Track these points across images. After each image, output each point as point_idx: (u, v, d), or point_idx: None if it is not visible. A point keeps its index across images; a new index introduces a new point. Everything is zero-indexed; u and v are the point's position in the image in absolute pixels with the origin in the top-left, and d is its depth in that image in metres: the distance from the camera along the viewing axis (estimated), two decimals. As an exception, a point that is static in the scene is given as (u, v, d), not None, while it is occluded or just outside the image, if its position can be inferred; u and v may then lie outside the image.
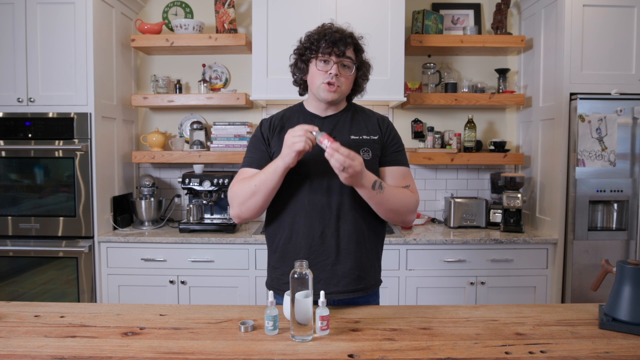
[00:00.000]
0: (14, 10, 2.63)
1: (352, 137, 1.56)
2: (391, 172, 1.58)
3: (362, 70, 1.57)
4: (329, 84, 1.50)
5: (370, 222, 1.57)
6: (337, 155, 1.33)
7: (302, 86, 1.64)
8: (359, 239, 1.54)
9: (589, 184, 2.62)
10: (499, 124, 3.31)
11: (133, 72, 3.21)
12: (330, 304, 1.54)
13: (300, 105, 1.65)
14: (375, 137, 1.58)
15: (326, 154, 1.35)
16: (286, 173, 1.45)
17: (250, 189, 1.47)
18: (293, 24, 2.73)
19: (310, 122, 1.58)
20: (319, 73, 1.52)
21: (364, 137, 1.57)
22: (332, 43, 1.48)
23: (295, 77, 1.62)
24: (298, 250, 1.52)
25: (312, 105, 1.62)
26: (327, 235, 1.51)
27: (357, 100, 1.68)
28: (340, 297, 1.52)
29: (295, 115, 1.62)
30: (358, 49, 1.55)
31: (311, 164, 1.51)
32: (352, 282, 1.53)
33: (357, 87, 1.61)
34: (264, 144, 1.60)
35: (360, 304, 1.56)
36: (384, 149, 1.59)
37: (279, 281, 1.57)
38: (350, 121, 1.59)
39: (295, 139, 1.38)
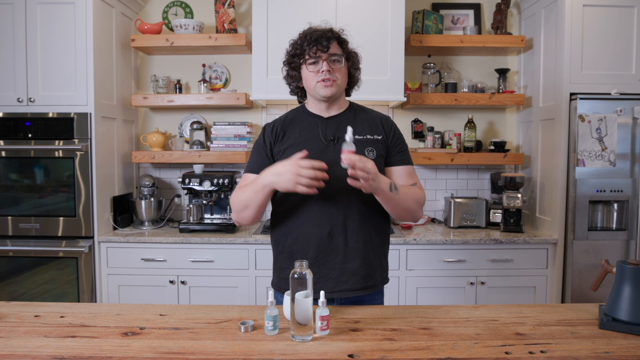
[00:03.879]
0: (14, 10, 2.63)
1: (357, 137, 1.56)
2: (398, 172, 1.61)
3: (351, 61, 1.59)
4: (323, 80, 1.52)
5: (377, 221, 1.59)
6: (358, 164, 1.33)
7: (300, 93, 1.66)
8: (366, 237, 1.56)
9: (589, 184, 2.62)
10: (499, 124, 3.31)
11: (133, 72, 3.21)
12: (339, 302, 1.56)
13: (303, 107, 1.67)
14: (379, 137, 1.59)
15: (350, 172, 1.34)
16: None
17: (242, 202, 1.51)
18: (293, 24, 2.71)
19: (314, 123, 1.59)
20: (311, 74, 1.54)
21: (368, 136, 1.58)
22: (315, 41, 1.50)
23: (291, 87, 1.65)
24: (306, 250, 1.54)
25: (314, 107, 1.63)
26: (335, 234, 1.53)
27: (358, 99, 1.68)
28: (349, 294, 1.54)
29: (299, 117, 1.63)
30: (342, 42, 1.57)
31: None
32: (361, 280, 1.55)
33: (352, 78, 1.62)
34: (265, 150, 1.61)
35: (367, 302, 1.58)
36: (389, 149, 1.61)
37: (287, 281, 1.56)
38: (353, 121, 1.60)
39: (302, 180, 1.35)
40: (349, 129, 1.40)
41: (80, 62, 2.66)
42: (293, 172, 1.36)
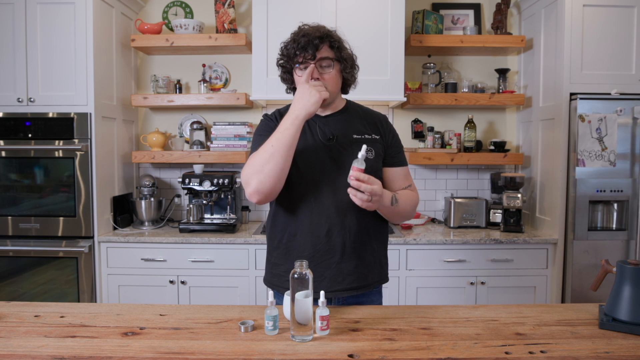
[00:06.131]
0: (14, 10, 2.63)
1: (355, 136, 1.56)
2: (395, 173, 1.63)
3: (343, 64, 1.54)
4: None
5: (375, 221, 1.59)
6: (364, 186, 1.36)
7: (295, 92, 1.64)
8: (364, 237, 1.55)
9: (589, 184, 2.62)
10: (499, 124, 3.31)
11: (133, 72, 3.21)
12: (334, 302, 1.55)
13: None
14: (377, 137, 1.59)
15: (350, 189, 1.38)
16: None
17: (267, 151, 1.39)
18: (293, 24, 2.69)
19: (312, 121, 1.57)
20: (302, 79, 1.51)
21: (366, 136, 1.58)
22: (302, 49, 1.48)
23: (287, 86, 1.64)
24: (303, 248, 1.52)
25: None
26: (333, 233, 1.51)
27: (358, 99, 1.68)
28: (344, 294, 1.53)
29: None
30: (333, 45, 1.52)
31: (317, 163, 1.52)
32: (357, 280, 1.54)
33: (347, 80, 1.58)
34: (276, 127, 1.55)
35: (364, 301, 1.58)
36: (386, 150, 1.61)
37: (281, 278, 1.57)
38: (351, 120, 1.59)
39: (320, 88, 1.42)
40: (364, 147, 1.40)
41: (80, 62, 2.66)
42: (311, 89, 1.41)
